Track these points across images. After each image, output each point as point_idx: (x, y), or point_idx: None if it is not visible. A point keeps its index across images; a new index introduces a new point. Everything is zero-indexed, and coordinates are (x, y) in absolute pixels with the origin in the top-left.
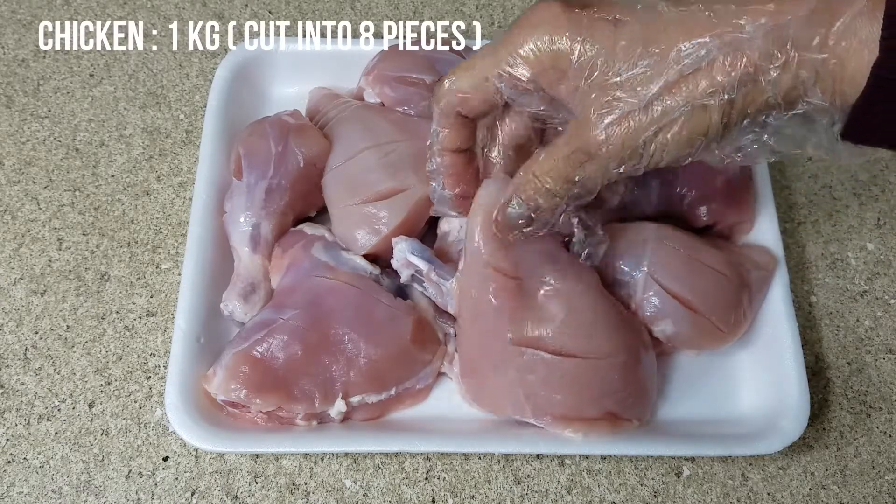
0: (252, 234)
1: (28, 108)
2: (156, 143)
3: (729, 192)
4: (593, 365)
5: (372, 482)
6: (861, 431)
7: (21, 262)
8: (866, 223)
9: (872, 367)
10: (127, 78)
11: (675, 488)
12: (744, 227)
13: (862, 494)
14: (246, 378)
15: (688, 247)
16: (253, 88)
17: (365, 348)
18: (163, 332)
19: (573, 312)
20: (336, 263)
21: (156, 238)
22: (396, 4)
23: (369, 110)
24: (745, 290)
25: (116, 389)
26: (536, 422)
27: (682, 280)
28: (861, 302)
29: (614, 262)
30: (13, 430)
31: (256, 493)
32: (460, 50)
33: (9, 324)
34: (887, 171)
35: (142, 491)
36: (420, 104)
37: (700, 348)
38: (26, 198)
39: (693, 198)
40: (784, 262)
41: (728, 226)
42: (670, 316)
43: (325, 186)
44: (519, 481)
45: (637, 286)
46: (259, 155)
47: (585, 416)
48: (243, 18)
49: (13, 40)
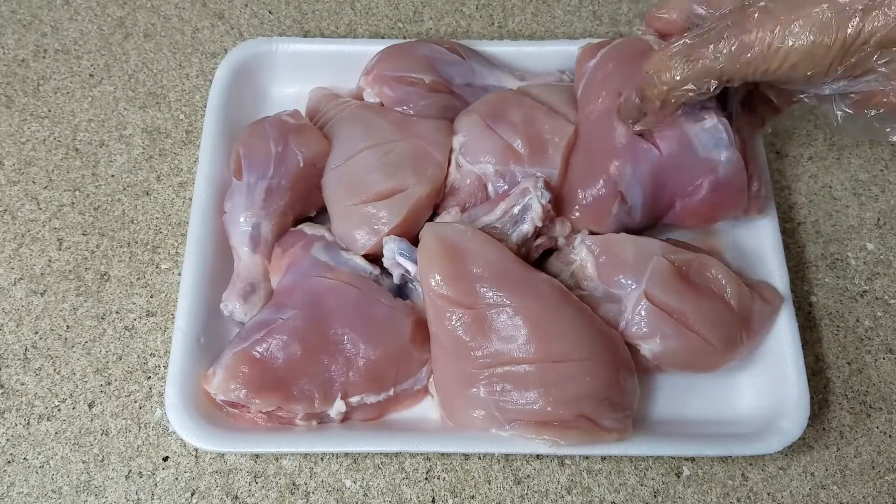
0: (252, 234)
1: (28, 108)
2: (156, 143)
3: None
4: (563, 366)
5: (372, 482)
6: (861, 431)
7: (21, 262)
8: (866, 223)
9: (872, 367)
10: (127, 78)
11: (675, 488)
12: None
13: (862, 494)
14: (246, 378)
15: (692, 267)
16: (253, 88)
17: (364, 348)
18: (163, 332)
19: (537, 326)
20: (336, 263)
21: (156, 238)
22: (396, 4)
23: (368, 110)
24: (746, 318)
25: (116, 389)
26: (511, 431)
27: (678, 296)
28: (861, 302)
29: (612, 275)
30: (13, 430)
31: (256, 493)
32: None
33: (9, 324)
34: (887, 171)
35: (142, 491)
36: (419, 104)
37: (688, 368)
38: (26, 198)
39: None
40: (784, 262)
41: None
42: (659, 332)
43: (325, 186)
44: (519, 481)
45: (629, 300)
46: (259, 155)
47: (559, 419)
48: (243, 18)
49: (13, 40)
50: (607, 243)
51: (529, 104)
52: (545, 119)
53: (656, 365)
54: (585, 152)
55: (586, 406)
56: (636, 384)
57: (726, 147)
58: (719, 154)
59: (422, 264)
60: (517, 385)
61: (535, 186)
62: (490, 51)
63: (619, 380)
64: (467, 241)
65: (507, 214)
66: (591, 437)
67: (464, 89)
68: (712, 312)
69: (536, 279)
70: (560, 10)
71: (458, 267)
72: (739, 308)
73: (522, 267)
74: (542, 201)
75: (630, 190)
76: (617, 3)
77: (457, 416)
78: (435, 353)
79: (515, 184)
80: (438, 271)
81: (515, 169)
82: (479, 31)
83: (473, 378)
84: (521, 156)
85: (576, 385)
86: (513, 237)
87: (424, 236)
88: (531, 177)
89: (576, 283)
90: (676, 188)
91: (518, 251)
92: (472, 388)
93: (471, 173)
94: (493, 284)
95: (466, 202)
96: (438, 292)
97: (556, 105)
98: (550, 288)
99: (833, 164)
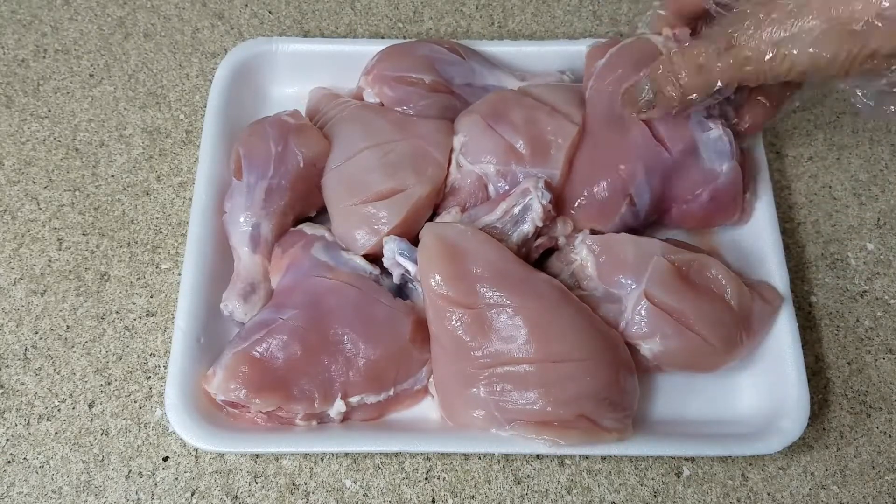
0: (252, 234)
1: (28, 108)
2: (156, 143)
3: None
4: (563, 366)
5: (372, 482)
6: (861, 431)
7: (21, 262)
8: (866, 223)
9: (872, 367)
10: (127, 78)
11: (675, 488)
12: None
13: (862, 494)
14: (245, 378)
15: (692, 267)
16: (253, 88)
17: (364, 348)
18: (163, 332)
19: (537, 326)
20: (336, 263)
21: (156, 238)
22: (396, 4)
23: (368, 110)
24: (746, 318)
25: (116, 389)
26: (511, 431)
27: (678, 296)
28: (861, 302)
29: (612, 275)
30: (13, 430)
31: (256, 493)
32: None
33: (9, 324)
34: (887, 171)
35: (142, 491)
36: (419, 104)
37: (688, 368)
38: (26, 198)
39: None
40: (784, 262)
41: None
42: (659, 332)
43: (325, 186)
44: (519, 481)
45: (629, 300)
46: (259, 155)
47: (559, 419)
48: (243, 18)
49: (13, 40)
50: (607, 243)
51: (531, 104)
52: (547, 119)
53: (656, 365)
54: (593, 151)
55: (586, 406)
56: (636, 384)
57: (728, 158)
58: (721, 164)
59: (422, 264)
60: (517, 385)
61: (535, 187)
62: (490, 51)
63: (619, 380)
64: (467, 241)
65: (508, 214)
66: (591, 437)
67: (464, 89)
68: (712, 312)
69: (536, 279)
70: (560, 10)
71: (458, 267)
72: (739, 308)
73: (522, 267)
74: (542, 201)
75: (639, 192)
76: (617, 3)
77: (457, 416)
78: (435, 353)
79: (517, 184)
80: (438, 271)
81: (517, 169)
82: (479, 31)
83: (473, 378)
84: (522, 156)
85: (576, 385)
86: (513, 237)
87: (424, 236)
88: (532, 177)
89: (576, 282)
90: (678, 193)
91: (518, 251)
92: (472, 388)
93: (471, 173)
94: (493, 284)
95: (467, 202)
96: (438, 292)
97: (559, 105)
98: (550, 288)
99: (833, 164)
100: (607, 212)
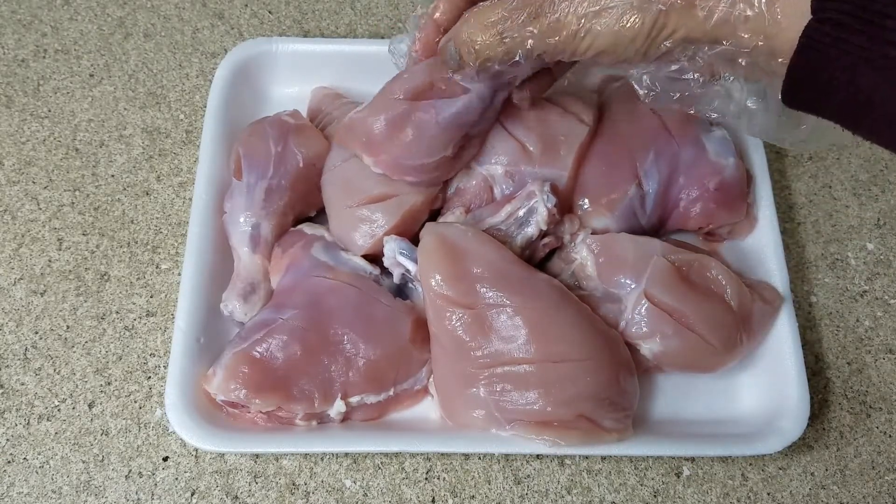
0: (252, 234)
1: (28, 108)
2: (156, 143)
3: (722, 194)
4: (563, 366)
5: (372, 482)
6: (861, 431)
7: (21, 262)
8: (866, 223)
9: (872, 367)
10: (127, 78)
11: (675, 488)
12: (742, 227)
13: (862, 494)
14: (245, 378)
15: (692, 267)
16: (253, 88)
17: (364, 348)
18: (163, 332)
19: (537, 326)
20: (335, 263)
21: (156, 238)
22: (396, 4)
23: None
24: (746, 318)
25: (116, 389)
26: (511, 431)
27: (678, 296)
28: (861, 302)
29: (612, 275)
30: (13, 430)
31: (256, 493)
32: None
33: (9, 324)
34: (887, 171)
35: (142, 491)
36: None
37: (688, 368)
38: (26, 198)
39: (687, 199)
40: (784, 262)
41: (723, 227)
42: (659, 332)
43: (324, 187)
44: (519, 481)
45: (629, 300)
46: (259, 155)
47: (559, 419)
48: (243, 18)
49: (13, 40)
50: (607, 243)
51: (541, 104)
52: (559, 120)
53: (656, 365)
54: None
55: (586, 406)
56: (636, 384)
57: (733, 154)
58: (727, 159)
59: (422, 264)
60: (517, 385)
61: (541, 190)
62: None
63: (619, 380)
64: (468, 241)
65: (512, 217)
66: (591, 438)
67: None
68: (712, 313)
69: (536, 279)
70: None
71: (458, 267)
72: (739, 308)
73: (523, 267)
74: (547, 205)
75: (648, 176)
76: None
77: (457, 416)
78: (435, 353)
79: (523, 186)
80: (439, 271)
81: (525, 170)
82: None
83: (473, 378)
84: (532, 156)
85: (576, 385)
86: (517, 240)
87: (425, 236)
88: (538, 180)
89: (576, 282)
90: (686, 185)
91: (521, 254)
92: (472, 388)
93: (478, 175)
94: (493, 284)
95: (472, 203)
96: (438, 292)
97: (569, 105)
98: (550, 288)
99: (833, 164)
100: (616, 191)
